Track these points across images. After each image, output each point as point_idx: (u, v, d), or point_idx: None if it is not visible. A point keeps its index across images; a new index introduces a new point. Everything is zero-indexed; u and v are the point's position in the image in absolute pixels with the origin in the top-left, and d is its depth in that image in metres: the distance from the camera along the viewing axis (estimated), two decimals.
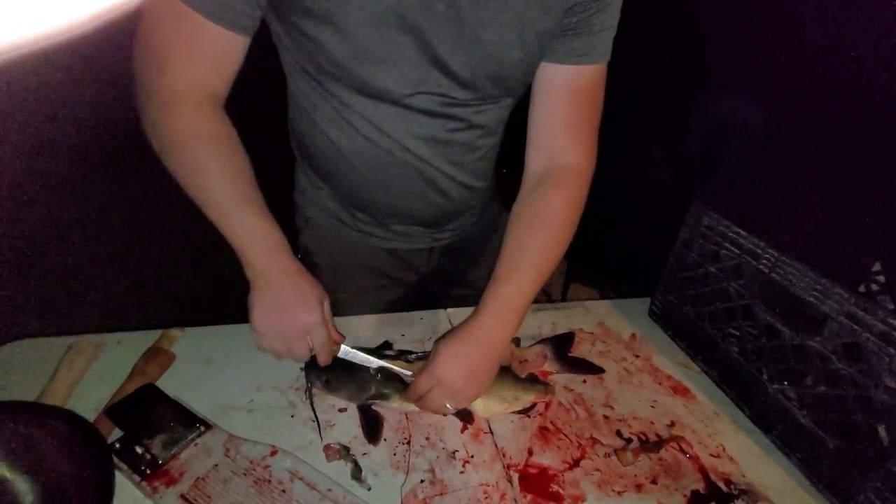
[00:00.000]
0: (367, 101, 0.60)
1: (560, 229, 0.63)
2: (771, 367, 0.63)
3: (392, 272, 0.83)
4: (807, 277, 0.57)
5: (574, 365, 0.71)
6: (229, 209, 0.56)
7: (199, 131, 0.56)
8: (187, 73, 0.55)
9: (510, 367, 0.66)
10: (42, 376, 0.57)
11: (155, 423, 0.51)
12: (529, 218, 0.63)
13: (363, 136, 0.63)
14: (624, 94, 1.69)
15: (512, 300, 0.59)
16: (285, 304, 0.57)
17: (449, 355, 0.56)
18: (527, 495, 0.52)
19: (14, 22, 0.13)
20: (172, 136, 0.55)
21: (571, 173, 0.65)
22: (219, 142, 0.57)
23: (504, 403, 0.62)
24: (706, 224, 0.72)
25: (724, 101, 1.49)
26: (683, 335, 0.78)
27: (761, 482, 0.57)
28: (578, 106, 0.64)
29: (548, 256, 0.62)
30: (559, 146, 0.65)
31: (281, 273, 0.57)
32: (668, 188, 1.64)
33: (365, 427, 0.57)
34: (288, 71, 0.64)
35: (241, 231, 0.56)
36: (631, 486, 0.55)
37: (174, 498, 0.46)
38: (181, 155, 0.56)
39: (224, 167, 0.56)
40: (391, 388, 0.60)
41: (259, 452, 0.51)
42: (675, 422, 0.64)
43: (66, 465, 0.43)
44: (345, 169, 0.67)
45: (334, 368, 0.60)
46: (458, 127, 0.64)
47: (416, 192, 0.69)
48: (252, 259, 0.57)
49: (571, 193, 0.64)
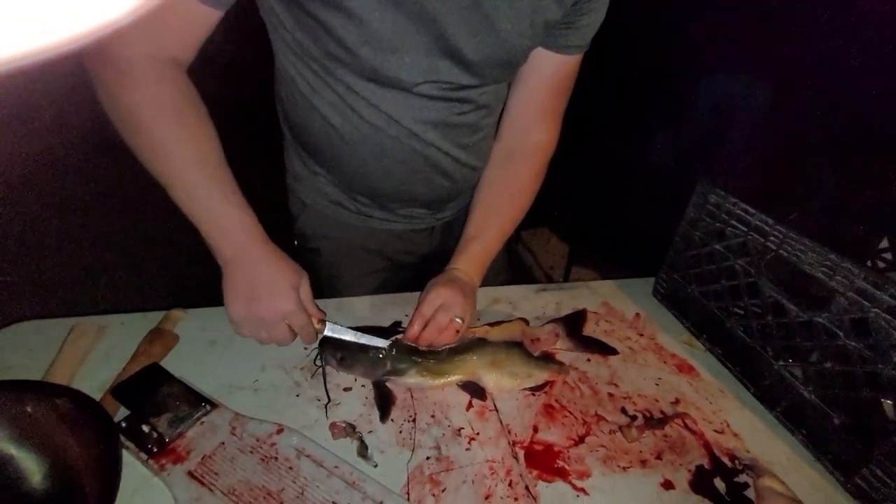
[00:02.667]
0: (376, 87, 0.58)
1: (524, 198, 0.72)
2: (776, 343, 0.62)
3: (393, 253, 0.83)
4: (815, 253, 0.57)
5: (587, 344, 0.71)
6: (195, 193, 0.53)
7: (160, 105, 0.52)
8: (152, 44, 0.51)
9: (522, 343, 0.66)
10: (45, 358, 0.57)
11: (160, 402, 0.51)
12: (499, 187, 0.72)
13: (369, 122, 0.61)
14: (625, 78, 1.68)
15: (479, 257, 0.68)
16: (257, 292, 0.55)
17: (439, 286, 0.61)
18: (532, 471, 0.52)
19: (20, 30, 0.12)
20: (131, 111, 0.51)
21: (539, 149, 0.72)
22: (182, 116, 0.53)
23: (516, 379, 0.62)
24: (713, 202, 0.71)
25: (727, 81, 1.47)
26: (688, 314, 0.78)
27: (765, 457, 0.57)
28: (558, 91, 0.70)
29: (511, 221, 0.71)
30: (532, 124, 0.71)
31: (251, 259, 0.56)
32: (669, 171, 1.62)
33: (379, 402, 0.58)
34: (282, 50, 0.61)
35: (208, 217, 0.54)
36: (636, 461, 0.55)
37: (182, 475, 0.46)
38: (141, 132, 0.52)
39: (189, 146, 0.53)
40: (407, 363, 0.60)
41: (265, 430, 0.51)
42: (680, 399, 0.64)
43: (73, 444, 0.43)
44: (347, 156, 0.66)
45: (349, 345, 0.60)
46: (465, 110, 0.63)
47: (422, 177, 0.68)
48: (221, 246, 0.55)
49: (537, 167, 0.72)
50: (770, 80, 1.32)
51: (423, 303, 0.60)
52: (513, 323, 0.69)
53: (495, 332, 0.67)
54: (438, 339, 0.60)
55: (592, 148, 1.73)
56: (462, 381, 0.61)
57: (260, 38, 0.63)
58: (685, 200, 0.77)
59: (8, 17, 0.12)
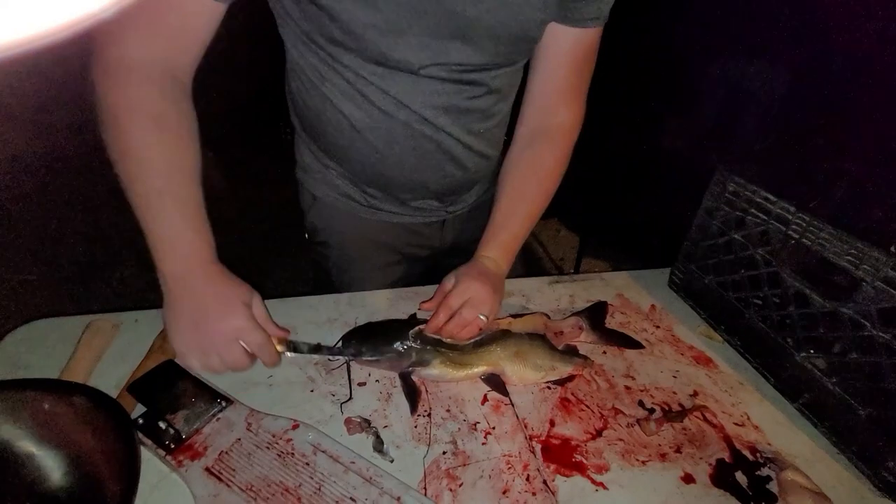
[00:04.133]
0: (384, 71, 0.57)
1: (551, 183, 0.70)
2: (798, 334, 0.61)
3: (404, 247, 0.82)
4: (841, 242, 0.55)
5: (611, 337, 0.70)
6: (150, 202, 0.50)
7: (140, 108, 0.50)
8: (145, 44, 0.50)
9: (545, 336, 0.66)
10: (61, 356, 0.58)
11: (177, 398, 0.51)
12: (524, 172, 0.69)
13: (379, 108, 0.60)
14: (637, 65, 1.64)
15: (508, 244, 0.66)
16: (203, 313, 0.51)
17: (470, 278, 0.60)
18: (550, 465, 0.52)
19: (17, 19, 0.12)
20: (108, 108, 0.49)
21: (563, 131, 0.70)
22: (161, 123, 0.50)
23: (540, 372, 0.61)
24: (731, 190, 0.69)
25: (743, 67, 1.43)
26: (705, 305, 0.77)
27: (788, 450, 0.56)
28: (578, 69, 0.67)
29: (538, 206, 0.69)
30: (555, 106, 0.69)
31: (196, 277, 0.52)
32: (682, 161, 1.59)
33: (407, 393, 0.57)
34: (290, 41, 0.61)
35: (156, 228, 0.51)
36: (655, 455, 0.54)
37: (199, 471, 0.46)
38: (114, 130, 0.50)
39: (160, 154, 0.50)
40: (431, 354, 0.60)
41: (281, 426, 0.51)
42: (698, 392, 0.63)
43: (92, 441, 0.43)
44: (359, 145, 0.65)
45: (373, 338, 0.60)
46: (476, 94, 0.62)
47: (433, 165, 0.67)
48: (165, 264, 0.51)
49: (562, 151, 0.70)
50: (786, 62, 1.29)
51: (452, 295, 0.59)
52: (535, 315, 0.68)
53: (518, 323, 0.66)
54: (461, 334, 0.60)
55: (602, 137, 1.70)
56: (485, 374, 0.61)
57: (269, 32, 0.63)
58: (698, 189, 0.75)
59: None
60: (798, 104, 1.29)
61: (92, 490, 0.41)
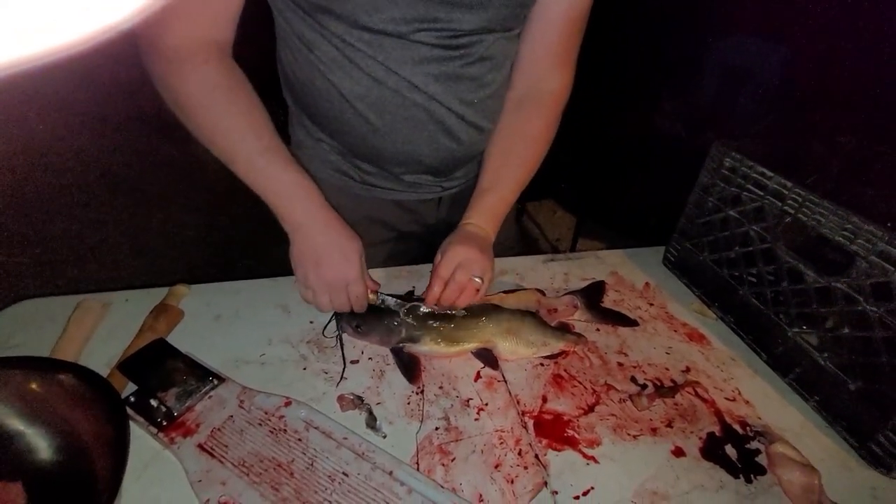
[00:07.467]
0: (371, 37, 0.56)
1: (539, 147, 0.69)
2: (792, 310, 0.61)
3: (400, 225, 0.81)
4: (836, 216, 0.55)
5: (606, 316, 0.70)
6: (256, 164, 0.56)
7: (212, 85, 0.55)
8: (191, 29, 0.53)
9: (537, 313, 0.65)
10: (51, 335, 0.57)
11: (168, 376, 0.51)
12: (512, 136, 0.69)
13: (368, 75, 0.59)
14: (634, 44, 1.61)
15: (493, 209, 0.66)
16: (326, 258, 0.57)
17: (454, 244, 0.60)
18: (542, 440, 0.52)
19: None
20: (185, 96, 0.55)
21: (553, 97, 0.69)
22: (233, 93, 0.56)
23: (531, 348, 0.61)
24: (728, 166, 0.68)
25: (739, 44, 1.41)
26: (699, 282, 0.77)
27: (777, 424, 0.57)
28: (569, 35, 0.66)
29: (526, 171, 0.68)
30: (545, 71, 0.68)
31: (317, 225, 0.58)
32: (678, 140, 1.58)
33: (402, 369, 0.58)
34: (277, 9, 0.60)
35: (271, 186, 0.57)
36: (646, 429, 0.55)
37: (192, 448, 0.46)
38: (197, 114, 0.55)
39: (243, 121, 0.56)
40: (422, 330, 0.60)
41: (273, 403, 0.51)
42: (691, 367, 0.64)
43: (80, 419, 0.43)
44: (349, 115, 0.64)
45: (364, 313, 0.60)
46: (468, 61, 0.60)
47: (425, 136, 0.66)
48: (287, 214, 0.58)
49: (551, 115, 0.70)
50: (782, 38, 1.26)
51: (441, 264, 0.59)
52: (528, 291, 0.68)
53: (510, 299, 0.66)
54: (459, 299, 0.59)
55: (598, 116, 1.68)
56: (477, 349, 0.61)
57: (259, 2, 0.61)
58: (695, 169, 0.74)
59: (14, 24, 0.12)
60: (796, 83, 1.27)
61: (81, 468, 0.41)
